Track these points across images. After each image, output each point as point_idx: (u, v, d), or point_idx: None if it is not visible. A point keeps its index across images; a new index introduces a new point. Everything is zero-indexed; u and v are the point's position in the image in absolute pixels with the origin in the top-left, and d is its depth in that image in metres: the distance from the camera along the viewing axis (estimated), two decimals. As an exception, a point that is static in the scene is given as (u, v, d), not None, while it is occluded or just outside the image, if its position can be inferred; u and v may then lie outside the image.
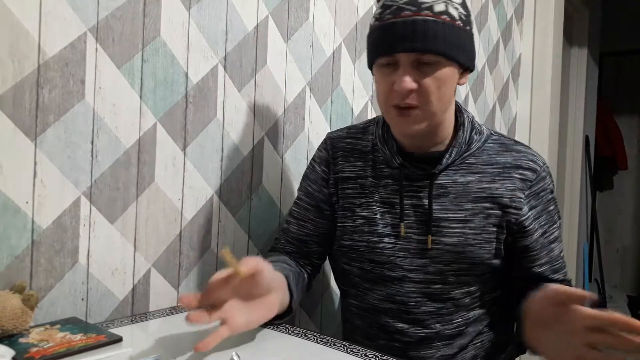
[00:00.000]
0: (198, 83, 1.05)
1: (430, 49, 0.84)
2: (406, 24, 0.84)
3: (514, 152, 0.97)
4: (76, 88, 0.86)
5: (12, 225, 0.80)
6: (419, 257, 0.96)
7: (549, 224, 0.97)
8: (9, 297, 0.74)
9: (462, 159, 0.96)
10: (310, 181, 1.07)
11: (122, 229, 0.94)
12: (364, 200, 1.00)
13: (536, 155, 0.98)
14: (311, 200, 1.06)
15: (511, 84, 2.53)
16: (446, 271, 0.95)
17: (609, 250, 4.32)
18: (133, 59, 0.94)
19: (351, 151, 1.04)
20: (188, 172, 1.05)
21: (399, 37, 0.84)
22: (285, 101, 1.26)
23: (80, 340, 0.75)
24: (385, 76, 0.89)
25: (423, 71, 0.86)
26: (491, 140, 0.98)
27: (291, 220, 1.08)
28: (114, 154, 0.92)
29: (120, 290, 0.94)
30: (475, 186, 0.95)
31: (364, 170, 1.02)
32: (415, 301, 0.97)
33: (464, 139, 0.96)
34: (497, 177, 0.95)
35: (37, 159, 0.82)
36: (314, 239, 1.06)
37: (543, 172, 0.96)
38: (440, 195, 0.95)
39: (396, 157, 0.97)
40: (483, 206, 0.94)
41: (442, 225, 0.94)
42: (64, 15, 0.84)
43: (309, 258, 1.07)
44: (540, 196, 0.96)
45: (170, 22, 0.99)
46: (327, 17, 1.36)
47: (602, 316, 0.65)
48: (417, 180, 0.96)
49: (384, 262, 0.98)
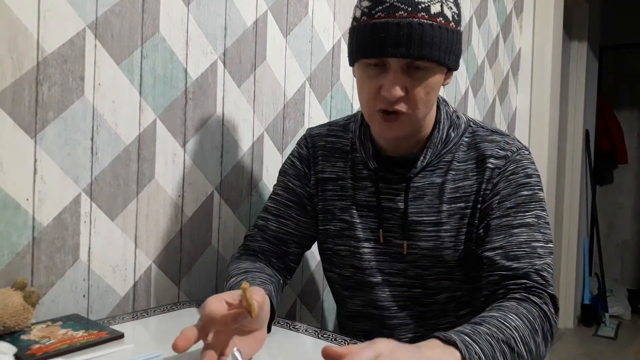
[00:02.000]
0: (197, 79, 1.05)
1: (425, 55, 0.78)
2: (401, 26, 0.77)
3: (486, 143, 0.90)
4: (75, 85, 0.86)
5: (13, 223, 0.80)
6: (398, 261, 0.94)
7: (516, 209, 0.86)
8: (10, 294, 0.74)
9: (438, 158, 0.91)
10: (290, 177, 1.01)
11: (123, 226, 0.94)
12: (345, 203, 0.97)
13: (510, 143, 0.90)
14: (292, 196, 1.00)
15: (511, 79, 2.52)
16: (425, 275, 0.92)
17: (609, 245, 4.32)
18: (132, 55, 0.93)
19: (331, 150, 1.00)
20: (188, 168, 1.05)
21: (393, 41, 0.77)
22: (285, 97, 1.26)
23: (82, 336, 0.75)
24: (372, 78, 0.83)
25: (413, 76, 0.81)
26: (467, 134, 0.93)
27: (269, 217, 1.00)
28: (114, 150, 0.91)
29: (121, 287, 0.94)
30: (450, 186, 0.90)
31: (344, 171, 0.98)
32: (398, 305, 0.95)
33: (439, 138, 0.91)
34: (470, 172, 0.90)
35: (37, 156, 0.82)
36: (294, 238, 0.99)
37: (517, 156, 0.88)
38: (417, 197, 0.91)
39: (372, 161, 0.93)
40: (458, 207, 0.90)
41: (417, 229, 0.91)
42: (62, 11, 0.83)
43: (285, 260, 1.00)
44: (510, 179, 0.87)
45: (169, 17, 0.99)
46: (326, 12, 1.36)
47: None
48: (394, 183, 0.93)
49: (365, 268, 0.95)
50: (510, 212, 0.86)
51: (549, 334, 0.78)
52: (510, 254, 0.83)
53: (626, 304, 3.87)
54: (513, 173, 0.88)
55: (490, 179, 0.88)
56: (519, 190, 0.87)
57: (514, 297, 0.79)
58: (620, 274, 4.34)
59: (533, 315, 0.75)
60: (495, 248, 0.85)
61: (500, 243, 0.84)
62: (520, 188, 0.87)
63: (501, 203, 0.86)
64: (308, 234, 1.01)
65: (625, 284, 4.23)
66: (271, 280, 0.88)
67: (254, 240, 1.00)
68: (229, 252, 1.14)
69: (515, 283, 0.81)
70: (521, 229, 0.84)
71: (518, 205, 0.86)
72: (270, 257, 0.98)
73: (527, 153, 0.91)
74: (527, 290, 0.80)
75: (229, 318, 0.64)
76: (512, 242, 0.84)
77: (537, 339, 0.74)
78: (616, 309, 3.75)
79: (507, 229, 0.85)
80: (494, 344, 0.67)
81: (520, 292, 0.80)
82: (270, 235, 0.99)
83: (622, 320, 3.71)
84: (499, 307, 0.76)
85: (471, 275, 0.92)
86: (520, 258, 0.82)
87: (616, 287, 4.08)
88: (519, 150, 0.90)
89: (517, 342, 0.70)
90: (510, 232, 0.84)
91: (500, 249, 0.84)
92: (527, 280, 0.81)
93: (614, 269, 4.32)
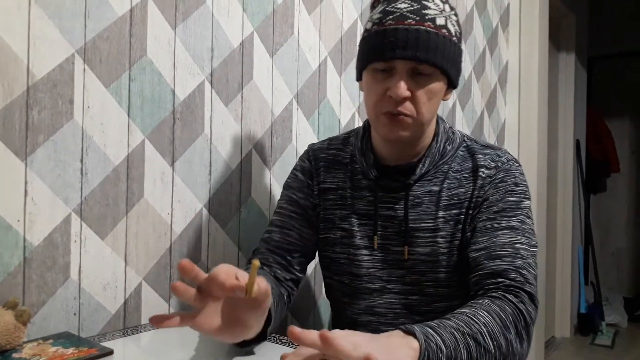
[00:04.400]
0: (185, 100, 1.08)
1: (430, 59, 0.85)
2: (409, 31, 0.84)
3: (480, 155, 0.96)
4: (65, 108, 0.89)
5: (4, 243, 0.82)
6: (397, 268, 0.96)
7: (501, 212, 0.90)
8: (1, 313, 0.76)
9: (435, 168, 0.96)
10: (294, 190, 1.05)
11: (113, 244, 0.96)
12: (344, 212, 1.01)
13: (501, 155, 0.96)
14: (296, 208, 1.04)
15: (499, 91, 2.56)
16: (423, 282, 0.95)
17: (604, 253, 4.34)
18: (120, 78, 0.96)
19: (332, 162, 1.05)
20: (177, 186, 1.07)
21: (402, 44, 0.84)
22: (272, 114, 1.29)
23: (72, 354, 0.77)
24: (379, 82, 0.89)
25: (417, 81, 0.87)
26: (462, 148, 0.99)
27: (273, 229, 1.03)
28: (103, 171, 0.94)
29: (112, 305, 0.96)
30: (446, 194, 0.95)
31: (344, 181, 1.02)
32: (394, 313, 0.98)
33: (437, 149, 0.96)
34: (464, 181, 0.95)
35: (28, 178, 0.84)
36: (297, 248, 1.02)
37: (507, 166, 0.94)
38: (415, 205, 0.95)
39: (372, 170, 0.98)
40: (453, 213, 0.94)
41: (416, 235, 0.95)
42: (52, 37, 0.86)
43: (290, 270, 1.01)
44: (499, 186, 0.92)
45: (156, 41, 1.02)
46: (312, 31, 1.39)
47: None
48: (393, 192, 0.97)
49: (363, 275, 0.99)
50: (496, 215, 0.90)
51: (523, 331, 0.79)
52: (493, 254, 0.87)
53: (623, 312, 3.88)
54: (502, 181, 0.93)
55: (482, 187, 0.93)
56: (506, 196, 0.92)
57: (489, 295, 0.82)
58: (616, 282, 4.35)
59: (505, 312, 0.77)
60: (479, 249, 0.89)
61: (484, 244, 0.88)
62: (508, 194, 0.92)
63: (489, 207, 0.92)
64: (312, 243, 1.04)
65: (622, 292, 4.24)
66: (272, 292, 0.86)
67: (259, 253, 1.02)
68: (219, 268, 1.16)
69: (493, 282, 0.83)
70: (505, 231, 0.89)
71: (504, 210, 0.91)
72: (275, 269, 1.00)
73: (517, 165, 0.97)
74: (504, 289, 0.82)
75: (227, 283, 0.61)
76: (495, 242, 0.88)
77: (509, 335, 0.76)
78: (613, 317, 3.76)
79: (492, 230, 0.89)
80: (458, 337, 0.69)
81: (496, 290, 0.82)
82: (274, 245, 1.01)
83: (619, 329, 3.72)
84: (471, 304, 0.79)
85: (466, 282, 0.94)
86: (502, 257, 0.86)
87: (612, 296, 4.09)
88: (508, 161, 0.96)
89: (484, 336, 0.72)
90: (495, 234, 0.89)
91: (484, 249, 0.88)
92: (505, 278, 0.83)
93: (610, 277, 4.33)
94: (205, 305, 0.64)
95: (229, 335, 0.66)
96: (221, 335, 0.65)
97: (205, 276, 0.63)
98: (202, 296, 0.64)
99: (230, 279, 0.61)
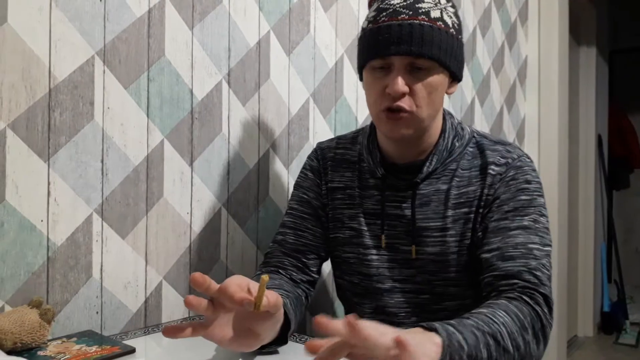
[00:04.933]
0: (203, 99, 1.09)
1: (425, 53, 0.84)
2: (402, 26, 0.84)
3: (489, 152, 0.94)
4: (85, 109, 0.90)
5: (29, 243, 0.83)
6: (406, 267, 0.96)
7: (513, 211, 0.88)
8: (27, 312, 0.78)
9: (443, 165, 0.95)
10: (304, 189, 1.05)
11: (133, 244, 0.97)
12: (352, 211, 1.00)
13: (511, 151, 0.94)
14: (307, 208, 1.03)
15: (518, 87, 2.53)
16: (433, 281, 0.94)
17: (628, 250, 4.26)
18: (139, 79, 0.97)
19: (340, 161, 1.04)
20: (196, 186, 1.08)
21: (395, 39, 0.84)
22: (289, 113, 1.29)
23: (96, 352, 0.78)
24: (377, 80, 0.89)
25: (416, 76, 0.86)
26: (472, 144, 0.97)
27: (286, 231, 1.02)
28: (123, 171, 0.95)
29: (133, 303, 0.97)
30: (455, 192, 0.93)
31: (352, 180, 1.01)
32: (406, 312, 0.97)
33: (444, 146, 0.95)
34: (473, 179, 0.93)
35: (51, 179, 0.85)
36: (312, 249, 1.01)
37: (517, 163, 0.92)
38: (423, 204, 0.94)
39: (379, 169, 0.97)
40: (462, 212, 0.92)
41: (424, 235, 0.94)
42: (72, 40, 0.88)
43: (306, 272, 1.00)
44: (510, 184, 0.90)
45: (174, 41, 1.03)
46: (328, 29, 1.39)
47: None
48: (401, 190, 0.96)
49: (372, 275, 0.98)
50: (508, 215, 0.88)
51: (540, 333, 0.78)
52: (505, 255, 0.85)
53: (646, 310, 3.80)
54: (513, 179, 0.91)
55: (492, 185, 0.91)
56: (517, 195, 0.89)
57: (505, 296, 0.81)
58: (641, 280, 4.26)
59: (523, 314, 0.76)
60: (492, 250, 0.87)
61: (497, 245, 0.87)
62: (519, 193, 0.90)
63: (500, 207, 0.89)
64: (325, 243, 1.03)
65: (646, 289, 4.16)
66: (288, 295, 0.87)
67: (273, 256, 1.01)
68: (237, 267, 1.17)
69: (508, 283, 0.82)
70: (518, 231, 0.87)
71: (516, 209, 0.88)
72: (290, 271, 0.99)
73: (529, 161, 0.94)
74: (519, 291, 0.81)
75: (236, 296, 0.62)
76: (508, 243, 0.86)
77: (527, 336, 0.75)
78: (637, 316, 3.68)
79: (505, 231, 0.87)
80: (478, 336, 0.68)
81: (511, 292, 0.81)
82: (289, 248, 1.00)
83: (644, 327, 3.64)
84: (488, 304, 0.78)
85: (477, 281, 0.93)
86: (515, 258, 0.84)
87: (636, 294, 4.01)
88: (519, 157, 0.93)
89: (503, 336, 0.71)
90: (507, 234, 0.87)
91: (496, 250, 0.86)
92: (519, 280, 0.82)
93: (634, 275, 4.25)
94: (217, 316, 0.66)
95: (240, 345, 0.68)
96: (233, 345, 0.67)
97: (217, 287, 0.64)
98: (215, 307, 0.65)
99: (239, 292, 0.62)
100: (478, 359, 0.67)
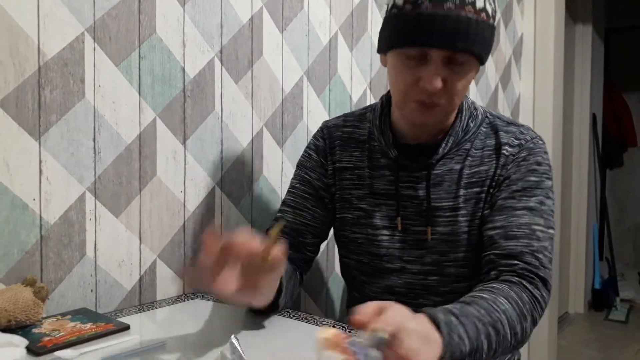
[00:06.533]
0: (195, 77, 1.07)
1: (468, 49, 0.80)
2: (449, 18, 0.78)
3: (503, 132, 0.94)
4: (76, 87, 0.89)
5: (21, 222, 0.83)
6: (417, 248, 0.95)
7: (521, 191, 0.88)
8: (21, 290, 0.78)
9: (457, 146, 0.94)
10: (307, 169, 1.04)
11: (127, 222, 0.97)
12: (361, 191, 0.99)
13: (525, 133, 0.94)
14: (309, 188, 1.02)
15: (513, 65, 2.52)
16: (442, 262, 0.94)
17: (620, 229, 4.30)
18: (130, 56, 0.96)
19: (348, 140, 1.02)
20: (189, 164, 1.07)
21: (439, 32, 0.78)
22: (283, 91, 1.28)
23: (90, 329, 0.78)
24: (410, 69, 0.84)
25: (452, 69, 0.82)
26: (485, 124, 0.96)
27: (286, 209, 1.02)
28: (115, 149, 0.95)
29: (127, 281, 0.98)
30: (467, 172, 0.93)
31: (361, 160, 1.00)
32: (414, 293, 0.97)
33: (460, 127, 0.94)
34: (486, 159, 0.93)
35: (42, 157, 0.85)
36: (310, 229, 1.00)
37: (530, 144, 0.92)
38: (436, 184, 0.94)
39: (392, 150, 0.95)
40: (474, 191, 0.92)
41: (436, 215, 0.93)
42: (61, 16, 0.86)
43: (302, 251, 1.00)
44: (520, 165, 0.90)
45: (165, 18, 1.01)
46: (322, 5, 1.37)
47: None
48: (415, 171, 0.95)
49: (382, 255, 0.98)
50: (515, 194, 0.89)
51: (538, 317, 0.80)
52: (509, 234, 0.85)
53: (638, 287, 3.86)
54: (524, 160, 0.91)
55: (504, 165, 0.91)
56: (527, 176, 0.90)
57: (506, 279, 0.81)
58: (632, 258, 4.32)
59: (523, 301, 0.77)
60: (495, 227, 0.87)
61: (501, 223, 0.87)
62: (529, 174, 0.90)
63: (509, 186, 0.90)
64: (325, 224, 1.03)
65: (637, 267, 4.21)
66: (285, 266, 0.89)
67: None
68: (232, 245, 1.17)
69: (508, 264, 0.83)
70: (523, 212, 0.87)
71: (524, 189, 0.89)
72: (288, 249, 1.00)
73: (542, 143, 0.94)
74: (519, 274, 0.81)
75: (245, 247, 0.67)
76: (512, 222, 0.86)
77: (525, 324, 0.77)
78: (627, 293, 3.75)
79: (510, 210, 0.88)
80: (479, 327, 0.69)
81: (511, 275, 0.82)
82: (287, 227, 1.00)
83: (634, 304, 3.70)
84: (490, 289, 0.78)
85: None
86: (518, 238, 0.85)
87: (627, 271, 4.07)
88: (532, 139, 0.93)
89: (503, 325, 0.72)
90: (513, 214, 0.87)
91: (500, 228, 0.87)
92: (520, 261, 0.83)
93: (626, 253, 4.30)
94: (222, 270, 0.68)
95: (244, 297, 0.71)
96: (237, 297, 0.69)
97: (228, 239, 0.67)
98: (220, 262, 0.67)
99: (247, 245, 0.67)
100: (479, 350, 0.69)
